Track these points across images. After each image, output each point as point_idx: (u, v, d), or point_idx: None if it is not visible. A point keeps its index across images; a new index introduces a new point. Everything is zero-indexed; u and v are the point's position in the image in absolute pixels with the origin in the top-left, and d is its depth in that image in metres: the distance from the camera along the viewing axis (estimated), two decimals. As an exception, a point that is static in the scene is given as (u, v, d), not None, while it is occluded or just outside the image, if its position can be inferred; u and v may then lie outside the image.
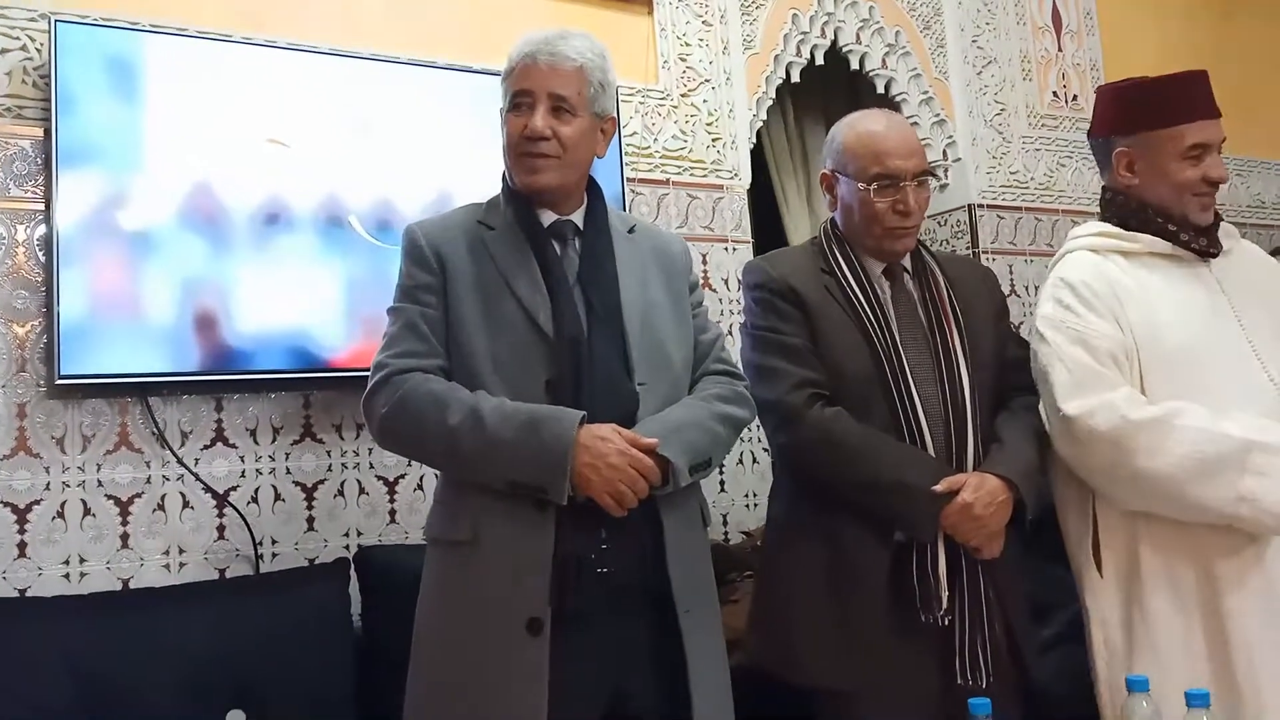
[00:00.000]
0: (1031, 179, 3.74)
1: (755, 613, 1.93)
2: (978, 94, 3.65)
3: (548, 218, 1.67)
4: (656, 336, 1.66)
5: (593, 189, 1.73)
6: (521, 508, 1.53)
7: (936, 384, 1.79)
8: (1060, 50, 3.87)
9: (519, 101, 1.63)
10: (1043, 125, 3.80)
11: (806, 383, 1.77)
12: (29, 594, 2.13)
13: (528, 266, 1.62)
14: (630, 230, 1.76)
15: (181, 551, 2.30)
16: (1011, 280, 3.64)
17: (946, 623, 1.70)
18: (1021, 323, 3.58)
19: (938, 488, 1.68)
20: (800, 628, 1.77)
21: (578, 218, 1.70)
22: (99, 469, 2.24)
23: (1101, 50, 3.95)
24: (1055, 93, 3.84)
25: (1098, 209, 2.01)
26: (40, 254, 2.22)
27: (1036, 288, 3.67)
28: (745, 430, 1.76)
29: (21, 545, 2.15)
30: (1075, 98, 3.87)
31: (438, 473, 1.75)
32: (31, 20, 2.27)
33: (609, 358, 1.60)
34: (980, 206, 3.59)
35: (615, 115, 1.74)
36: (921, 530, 1.69)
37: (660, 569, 1.57)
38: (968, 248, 3.58)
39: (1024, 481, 1.73)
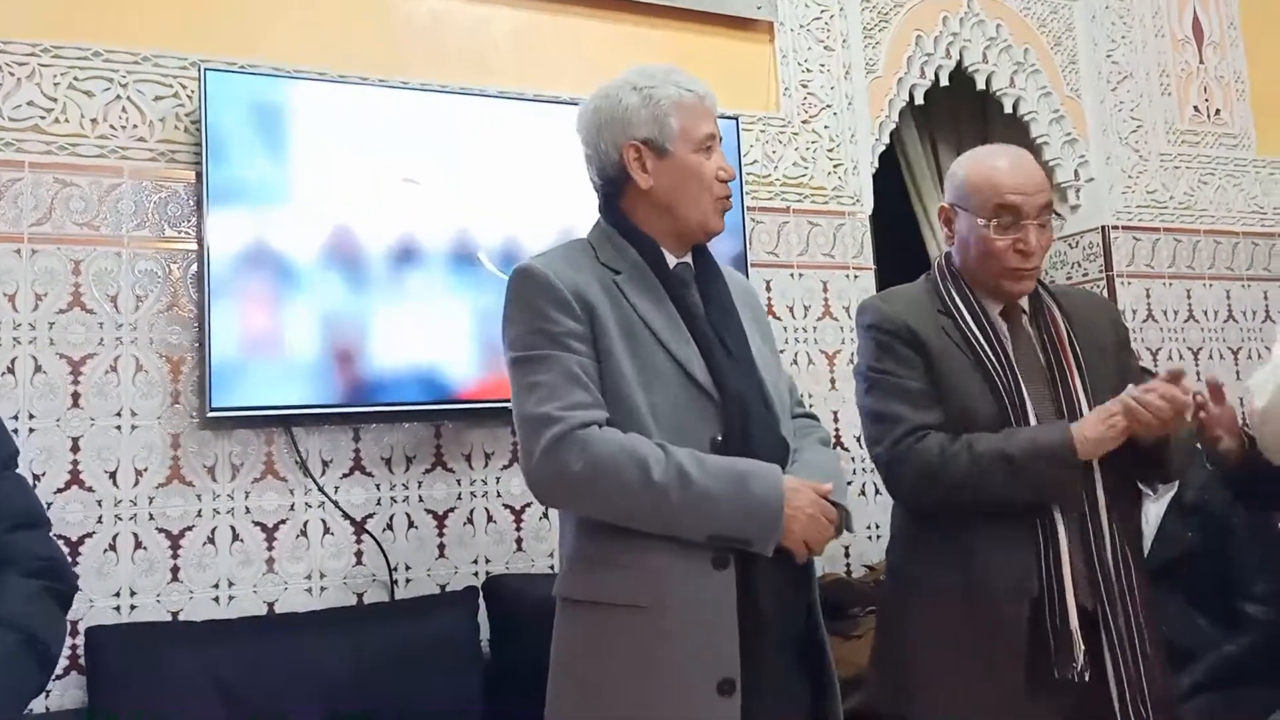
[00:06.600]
0: (1171, 198, 3.58)
1: (875, 659, 1.91)
2: (1113, 111, 3.52)
3: (670, 260, 1.63)
4: (775, 381, 1.65)
5: None
6: (700, 567, 1.48)
7: None
8: (1202, 63, 3.69)
9: (710, 144, 1.62)
10: (1183, 142, 3.64)
11: (926, 428, 1.73)
12: (181, 616, 2.25)
13: (668, 314, 1.57)
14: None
15: (322, 576, 2.40)
16: (1149, 304, 3.49)
17: (1086, 678, 1.64)
18: (1160, 348, 3.44)
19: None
20: (920, 680, 1.75)
21: (688, 259, 1.67)
22: (247, 496, 2.35)
23: (1246, 62, 3.77)
24: (1197, 107, 3.67)
25: (1245, 228, 1.98)
26: (193, 291, 2.34)
27: (1176, 312, 3.52)
28: (866, 462, 1.77)
29: (174, 570, 2.27)
30: (1219, 112, 3.70)
31: (576, 533, 1.59)
32: (183, 69, 2.39)
33: (760, 408, 1.58)
34: (1115, 228, 3.46)
35: None
36: (1070, 474, 1.67)
37: (814, 622, 1.60)
38: (1101, 270, 3.45)
39: None
